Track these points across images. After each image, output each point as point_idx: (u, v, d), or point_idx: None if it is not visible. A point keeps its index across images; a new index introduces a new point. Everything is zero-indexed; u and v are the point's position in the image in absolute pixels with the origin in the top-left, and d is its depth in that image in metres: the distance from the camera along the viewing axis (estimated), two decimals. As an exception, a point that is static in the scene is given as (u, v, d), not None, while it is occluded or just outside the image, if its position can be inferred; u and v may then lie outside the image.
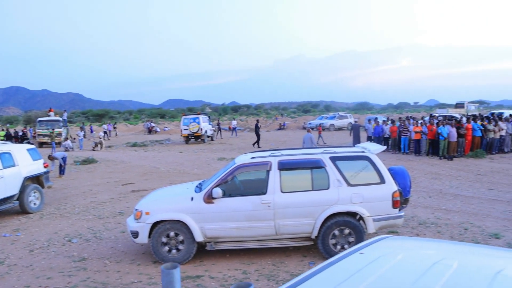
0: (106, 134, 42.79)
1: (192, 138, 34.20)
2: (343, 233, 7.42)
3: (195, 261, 7.64)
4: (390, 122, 24.88)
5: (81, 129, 38.90)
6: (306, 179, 7.53)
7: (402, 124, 22.83)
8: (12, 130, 43.97)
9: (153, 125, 53.83)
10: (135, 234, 7.57)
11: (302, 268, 7.17)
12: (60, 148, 29.77)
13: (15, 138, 37.15)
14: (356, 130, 24.01)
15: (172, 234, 7.51)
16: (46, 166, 13.21)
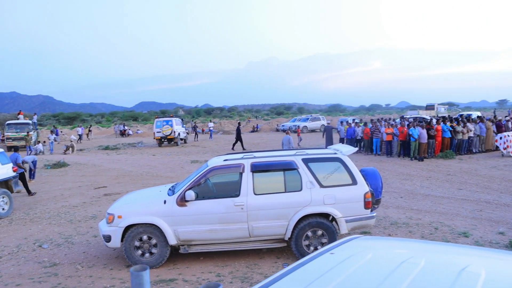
0: (80, 137, 42.27)
1: (165, 140, 34.01)
2: (316, 234, 7.48)
3: (169, 264, 7.60)
4: (362, 124, 25.20)
5: (51, 132, 38.21)
6: (279, 181, 7.57)
7: (374, 126, 23.14)
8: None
9: (126, 128, 53.29)
10: (108, 238, 7.48)
11: (276, 269, 7.20)
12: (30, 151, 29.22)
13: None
14: (328, 132, 24.24)
15: (145, 237, 7.45)
16: (15, 170, 12.94)
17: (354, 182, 7.55)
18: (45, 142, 32.83)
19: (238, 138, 29.05)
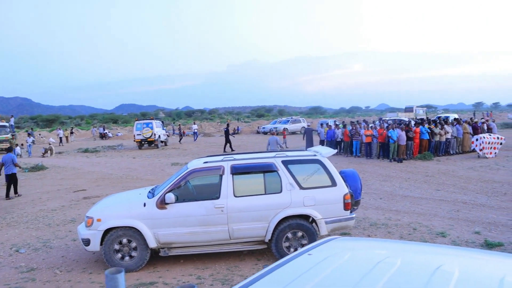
0: (61, 140, 41.75)
1: (145, 143, 33.83)
2: (296, 235, 7.52)
3: (149, 267, 7.56)
4: (342, 126, 25.40)
5: (29, 135, 37.65)
6: (259, 183, 7.60)
7: (354, 128, 23.35)
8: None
9: (106, 131, 52.81)
10: (87, 242, 7.41)
11: (257, 271, 7.18)
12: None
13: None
14: (309, 134, 24.38)
15: (124, 240, 7.40)
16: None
17: (334, 184, 7.61)
18: (22, 145, 32.36)
19: (227, 140, 29.01)
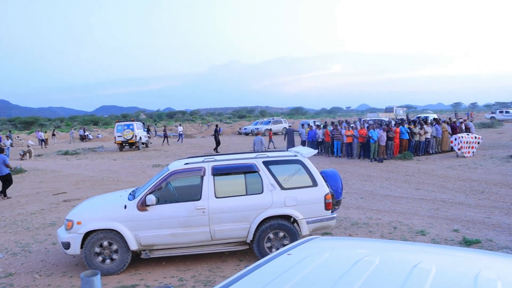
0: (44, 142, 41.18)
1: (126, 145, 33.61)
2: (278, 236, 7.54)
3: (130, 270, 7.50)
4: (323, 127, 25.53)
5: (7, 137, 37.06)
6: (240, 184, 7.60)
7: (335, 128, 23.49)
8: None
9: (86, 133, 52.26)
10: (67, 245, 7.32)
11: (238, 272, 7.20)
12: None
13: None
14: (290, 135, 24.46)
15: (105, 243, 7.34)
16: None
17: (315, 184, 7.65)
18: (0, 147, 31.84)
19: (217, 141, 28.95)
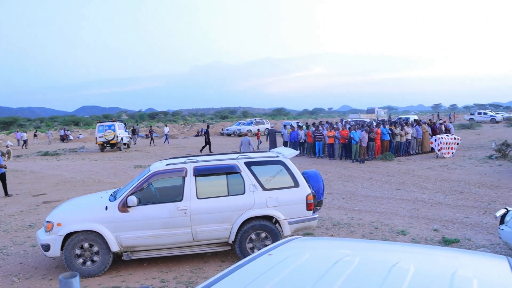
0: (25, 143, 40.62)
1: (107, 145, 33.32)
2: (260, 236, 7.55)
3: (111, 272, 7.44)
4: (305, 128, 25.64)
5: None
6: (222, 185, 7.59)
7: (316, 129, 23.61)
8: None
9: (67, 133, 51.66)
10: (47, 247, 7.22)
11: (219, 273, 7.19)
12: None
13: None
14: (272, 136, 24.52)
15: (86, 245, 7.26)
16: None
17: (296, 185, 7.68)
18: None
19: (207, 141, 28.85)
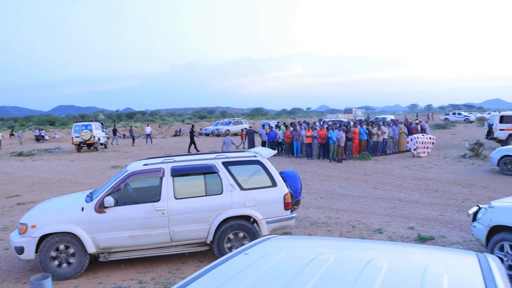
0: None
1: (84, 146, 32.95)
2: (238, 236, 7.56)
3: (88, 273, 7.35)
4: (284, 128, 25.74)
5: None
6: (200, 185, 7.58)
7: (294, 129, 23.72)
8: None
9: (42, 133, 50.87)
10: (20, 250, 7.09)
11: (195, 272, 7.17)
12: None
13: None
14: (250, 136, 24.56)
15: (62, 247, 7.15)
16: None
17: (274, 184, 7.71)
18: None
19: (192, 141, 28.73)
